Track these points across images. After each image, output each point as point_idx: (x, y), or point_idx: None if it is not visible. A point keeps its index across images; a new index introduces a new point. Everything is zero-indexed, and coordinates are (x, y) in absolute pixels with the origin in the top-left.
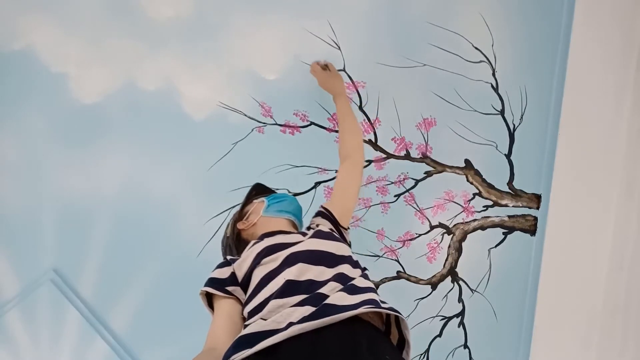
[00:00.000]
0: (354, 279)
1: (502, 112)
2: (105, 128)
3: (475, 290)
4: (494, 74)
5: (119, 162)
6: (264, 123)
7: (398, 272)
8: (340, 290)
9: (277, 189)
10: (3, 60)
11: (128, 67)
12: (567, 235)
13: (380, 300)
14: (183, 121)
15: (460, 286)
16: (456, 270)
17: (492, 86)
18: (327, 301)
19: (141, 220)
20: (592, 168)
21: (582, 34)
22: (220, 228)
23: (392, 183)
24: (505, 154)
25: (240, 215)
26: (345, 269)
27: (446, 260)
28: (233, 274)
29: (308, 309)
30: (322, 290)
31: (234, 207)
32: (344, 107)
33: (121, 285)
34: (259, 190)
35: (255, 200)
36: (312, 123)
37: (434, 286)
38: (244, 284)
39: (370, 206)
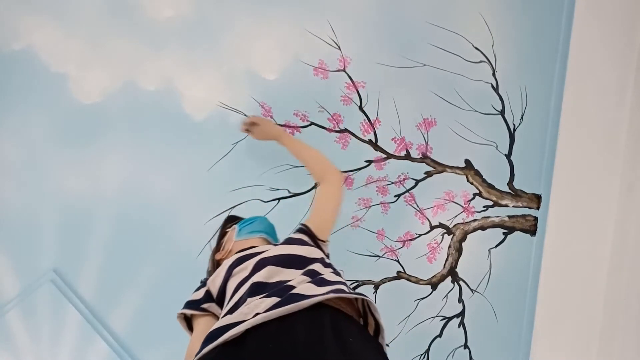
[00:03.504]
0: (323, 274)
1: (502, 112)
2: (105, 128)
3: (475, 291)
4: (494, 74)
5: (119, 162)
6: None
7: (398, 272)
8: (308, 282)
9: (277, 189)
10: (3, 60)
11: (128, 67)
12: (567, 235)
13: (350, 292)
14: (183, 121)
15: (460, 286)
16: (456, 270)
17: (492, 86)
18: (294, 291)
19: (141, 220)
20: (592, 168)
21: (582, 34)
22: None
23: (392, 183)
24: (505, 154)
25: (217, 247)
26: (316, 267)
27: (446, 260)
28: (207, 292)
29: (274, 300)
30: (290, 283)
31: (234, 207)
32: (293, 143)
33: (121, 285)
34: (229, 220)
35: (228, 230)
36: (312, 123)
37: (434, 286)
38: (219, 298)
39: (370, 206)
